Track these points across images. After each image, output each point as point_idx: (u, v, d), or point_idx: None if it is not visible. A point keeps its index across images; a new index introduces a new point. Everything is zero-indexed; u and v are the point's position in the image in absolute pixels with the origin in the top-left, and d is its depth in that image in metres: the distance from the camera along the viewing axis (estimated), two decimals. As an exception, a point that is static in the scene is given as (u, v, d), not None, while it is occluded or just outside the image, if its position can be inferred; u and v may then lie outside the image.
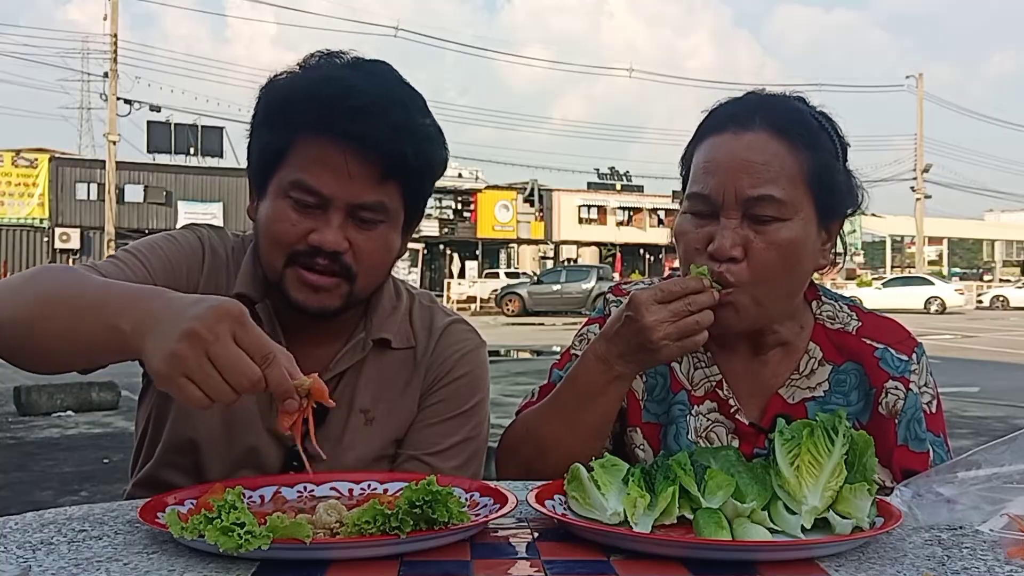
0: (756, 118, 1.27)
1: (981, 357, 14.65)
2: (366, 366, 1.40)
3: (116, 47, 31.22)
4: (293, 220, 1.27)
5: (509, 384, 9.82)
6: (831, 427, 1.02)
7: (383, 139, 1.25)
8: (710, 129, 1.31)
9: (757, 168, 1.24)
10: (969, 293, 37.14)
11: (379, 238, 1.31)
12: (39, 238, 34.21)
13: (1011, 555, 0.93)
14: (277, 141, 1.29)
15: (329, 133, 1.25)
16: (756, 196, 1.24)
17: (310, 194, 1.26)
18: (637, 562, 0.90)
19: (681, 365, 1.38)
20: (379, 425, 1.39)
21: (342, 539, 0.91)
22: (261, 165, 1.32)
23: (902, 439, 1.33)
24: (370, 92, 1.26)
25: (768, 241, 1.24)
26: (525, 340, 19.11)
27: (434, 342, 1.44)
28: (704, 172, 1.28)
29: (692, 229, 1.29)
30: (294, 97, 1.28)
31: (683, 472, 1.02)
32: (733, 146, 1.26)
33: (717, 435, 1.34)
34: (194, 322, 0.96)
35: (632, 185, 48.09)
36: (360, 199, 1.27)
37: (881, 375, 1.34)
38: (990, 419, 7.96)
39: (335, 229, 1.27)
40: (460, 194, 43.36)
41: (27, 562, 0.89)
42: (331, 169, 1.25)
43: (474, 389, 1.45)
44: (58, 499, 5.44)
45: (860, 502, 0.98)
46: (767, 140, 1.26)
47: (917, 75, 47.52)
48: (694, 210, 1.29)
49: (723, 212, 1.25)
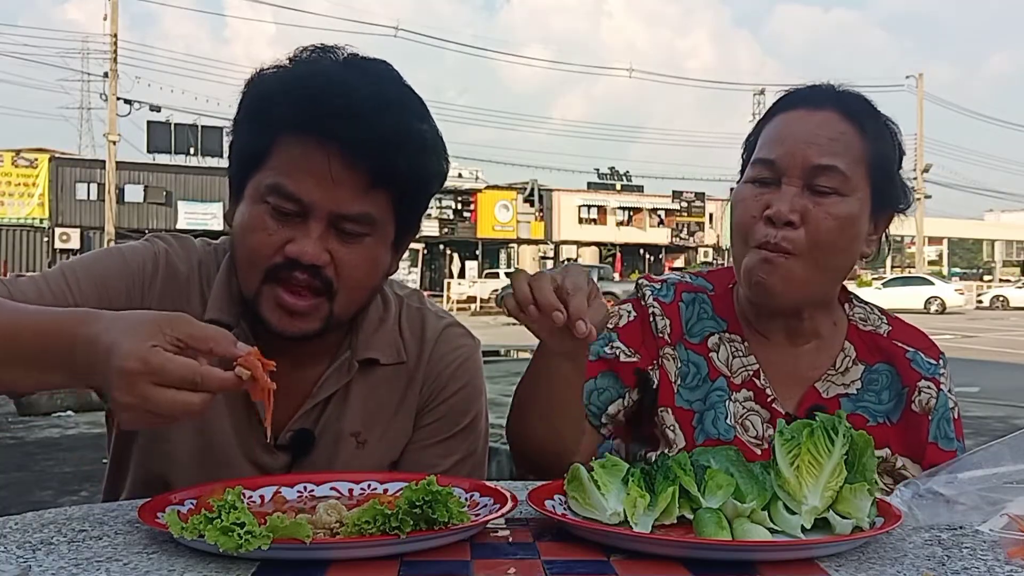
0: (829, 101, 1.33)
1: (981, 357, 14.66)
2: (353, 387, 1.30)
3: (116, 47, 31.24)
4: (270, 229, 1.16)
5: (509, 384, 9.80)
6: (831, 427, 1.02)
7: (373, 144, 1.14)
8: (780, 108, 1.35)
9: (825, 141, 1.29)
10: (969, 293, 37.15)
11: (364, 253, 1.19)
12: (39, 238, 34.22)
13: (1011, 555, 0.93)
14: (257, 141, 1.18)
15: (313, 134, 1.14)
16: (822, 164, 1.28)
17: (289, 200, 1.15)
18: (637, 562, 0.90)
19: (719, 353, 1.40)
20: (372, 448, 1.31)
21: (342, 539, 0.91)
22: (239, 166, 1.21)
23: (933, 436, 1.38)
24: (362, 91, 1.15)
25: (826, 212, 1.28)
26: (525, 340, 19.09)
27: (427, 353, 1.35)
28: (772, 140, 1.32)
29: (751, 196, 1.32)
30: (278, 94, 1.16)
31: (683, 472, 1.02)
32: (805, 120, 1.32)
33: (752, 423, 1.37)
34: (115, 392, 0.94)
35: (632, 185, 48.12)
36: (343, 209, 1.15)
37: (913, 375, 1.39)
38: (990, 419, 7.96)
39: (315, 240, 1.15)
40: (460, 194, 43.38)
41: (27, 562, 0.89)
42: (313, 174, 1.14)
43: (471, 402, 1.37)
44: (58, 499, 5.44)
45: (860, 502, 0.98)
46: (838, 120, 1.31)
47: (917, 75, 47.56)
48: (756, 176, 1.32)
49: (785, 179, 1.29)
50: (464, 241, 43.08)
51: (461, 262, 41.23)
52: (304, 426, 1.28)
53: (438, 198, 43.16)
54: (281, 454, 1.28)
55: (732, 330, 1.41)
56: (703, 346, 1.40)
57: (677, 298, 1.42)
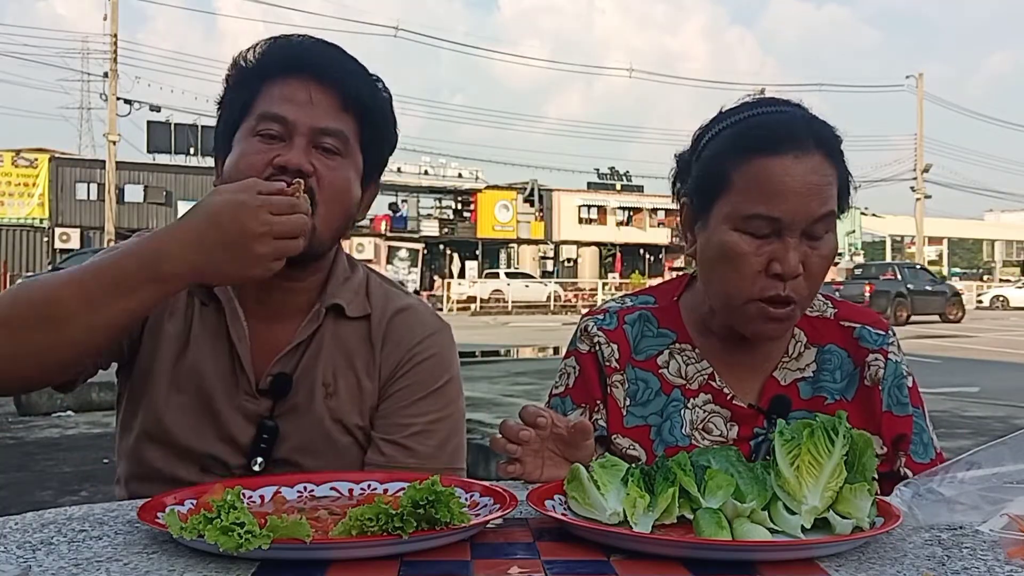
0: (811, 141, 1.30)
1: (981, 357, 14.66)
2: (324, 338, 1.40)
3: (116, 47, 31.23)
4: (258, 150, 1.32)
5: (509, 384, 9.83)
6: (831, 428, 1.02)
7: (342, 73, 1.36)
8: (761, 148, 1.30)
9: (823, 189, 1.30)
10: (969, 293, 37.14)
11: (340, 170, 1.35)
12: (39, 238, 34.21)
13: (1011, 555, 0.93)
14: (243, 95, 1.36)
15: (292, 73, 1.34)
16: (823, 214, 1.30)
17: (274, 121, 1.32)
18: (637, 562, 0.90)
19: (670, 368, 1.42)
20: (338, 400, 1.39)
21: (342, 539, 0.91)
22: (229, 125, 1.37)
23: (886, 405, 1.41)
24: (329, 49, 1.39)
25: (821, 255, 1.32)
26: (525, 340, 19.12)
27: (391, 318, 1.43)
28: (770, 194, 1.28)
29: (752, 251, 1.30)
30: (260, 55, 1.37)
31: (683, 472, 1.02)
32: (799, 170, 1.28)
33: (715, 424, 1.39)
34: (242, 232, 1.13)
35: (632, 185, 48.09)
36: (321, 123, 1.33)
37: (861, 351, 1.42)
38: (990, 419, 7.96)
39: (299, 151, 1.31)
40: (460, 194, 43.39)
41: (27, 562, 0.89)
42: (294, 100, 1.33)
43: (442, 369, 1.44)
44: (58, 499, 5.44)
45: (860, 502, 0.98)
46: (823, 162, 1.31)
47: (917, 75, 47.56)
48: (754, 230, 1.30)
49: (788, 233, 1.29)
50: (464, 241, 43.06)
51: (461, 262, 41.22)
52: (283, 370, 1.38)
53: (438, 198, 43.31)
54: (263, 399, 1.37)
55: (681, 340, 1.43)
56: (652, 363, 1.42)
57: (620, 323, 1.45)
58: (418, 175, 42.09)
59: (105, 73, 32.07)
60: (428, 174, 42.38)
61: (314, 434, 1.37)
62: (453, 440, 1.43)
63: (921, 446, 1.41)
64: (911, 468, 1.38)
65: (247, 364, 1.37)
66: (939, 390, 9.06)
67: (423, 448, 1.39)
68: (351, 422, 1.39)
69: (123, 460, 1.44)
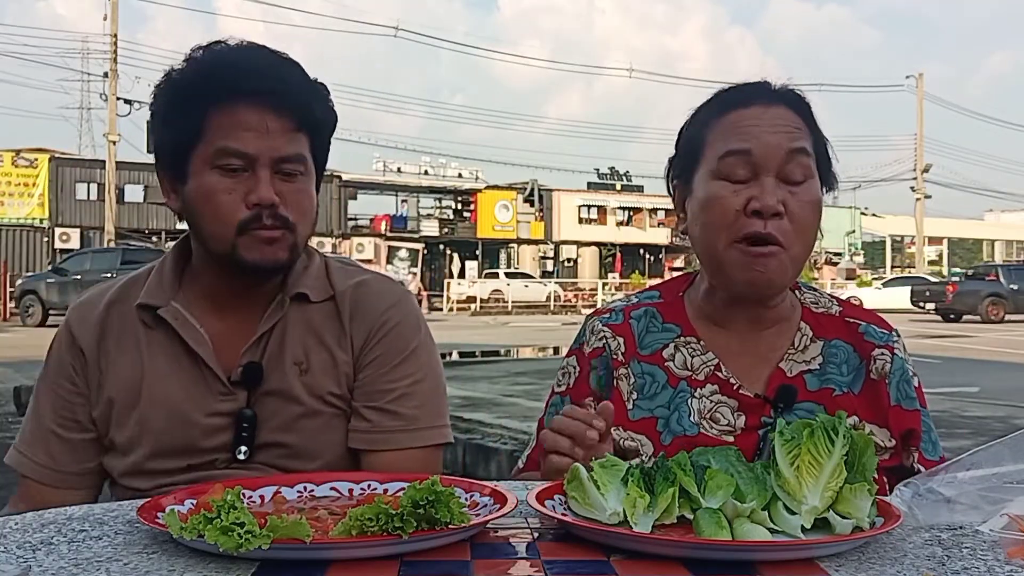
0: (778, 97, 1.37)
1: (981, 357, 14.64)
2: (290, 322, 1.43)
3: (116, 47, 31.23)
4: (227, 187, 1.33)
5: (509, 384, 9.80)
6: (831, 428, 1.02)
7: (292, 95, 1.35)
8: (732, 104, 1.37)
9: (791, 129, 1.34)
10: (969, 293, 37.05)
11: (302, 190, 1.38)
12: (39, 238, 34.20)
13: (1011, 555, 0.93)
14: (190, 121, 1.34)
15: (240, 97, 1.32)
16: (795, 148, 1.33)
17: (236, 157, 1.32)
18: (637, 562, 0.90)
19: (675, 361, 1.43)
20: (313, 375, 1.42)
21: (342, 539, 0.91)
22: (177, 151, 1.36)
23: (895, 399, 1.41)
24: (264, 59, 1.37)
25: (801, 200, 1.33)
26: (525, 340, 19.11)
27: (353, 294, 1.47)
28: (740, 133, 1.34)
29: (730, 194, 1.33)
30: (198, 77, 1.35)
31: (683, 472, 1.02)
32: (767, 114, 1.35)
33: (722, 414, 1.39)
34: None
35: (632, 185, 48.06)
36: (281, 151, 1.34)
37: (868, 346, 1.43)
38: (990, 419, 7.95)
39: (267, 185, 1.33)
40: (460, 194, 43.37)
41: (27, 562, 0.89)
42: (251, 129, 1.32)
43: (409, 334, 1.48)
44: (58, 499, 5.42)
45: (860, 502, 0.98)
46: (791, 114, 1.36)
47: (917, 75, 47.56)
48: (731, 173, 1.33)
49: (763, 172, 1.32)
50: (464, 241, 43.04)
51: (461, 262, 41.20)
52: (252, 360, 1.41)
53: (438, 198, 43.28)
54: (239, 390, 1.40)
55: (687, 333, 1.44)
56: (658, 356, 1.43)
57: (626, 318, 1.47)
58: (418, 175, 42.11)
59: (105, 73, 32.07)
60: (428, 174, 42.38)
61: (294, 413, 1.40)
62: (433, 399, 1.47)
63: (930, 444, 1.43)
64: (923, 464, 1.39)
65: (213, 364, 1.40)
66: (939, 390, 9.05)
67: (406, 411, 1.43)
68: (328, 392, 1.43)
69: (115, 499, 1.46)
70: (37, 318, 23.00)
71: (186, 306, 1.43)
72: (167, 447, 1.40)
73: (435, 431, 1.46)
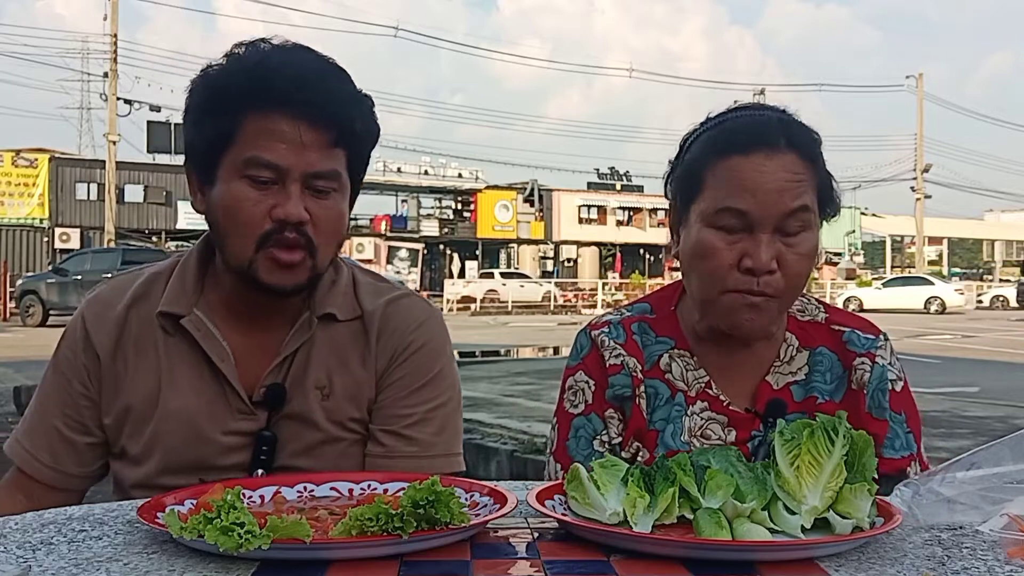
0: (782, 140, 1.32)
1: (981, 357, 14.64)
2: (316, 343, 1.39)
3: (116, 47, 31.23)
4: (253, 199, 1.27)
5: (509, 384, 9.80)
6: (831, 428, 1.02)
7: (331, 108, 1.28)
8: (733, 148, 1.32)
9: (794, 185, 1.31)
10: (969, 293, 37.13)
11: (334, 207, 1.32)
12: (39, 238, 34.21)
13: (1011, 555, 0.93)
14: (224, 123, 1.28)
15: (277, 105, 1.26)
16: (794, 208, 1.30)
17: (266, 168, 1.26)
18: (637, 562, 0.90)
19: (673, 372, 1.43)
20: (335, 399, 1.39)
21: (342, 539, 0.91)
22: (208, 151, 1.30)
23: (867, 407, 1.42)
24: (307, 65, 1.29)
25: (797, 252, 1.32)
26: (525, 340, 19.11)
27: (380, 315, 1.42)
28: (739, 189, 1.30)
29: (724, 246, 1.32)
30: (236, 78, 1.28)
31: (683, 472, 1.02)
32: (769, 166, 1.30)
33: (712, 430, 1.40)
34: None
35: (632, 185, 48.07)
36: (315, 167, 1.28)
37: (850, 355, 1.43)
38: (990, 419, 7.95)
39: (295, 200, 1.27)
40: (460, 194, 43.38)
41: (27, 562, 0.89)
42: (284, 141, 1.26)
43: (435, 357, 1.44)
44: (58, 499, 5.42)
45: (860, 502, 0.98)
46: (795, 160, 1.32)
47: (917, 75, 47.58)
48: (726, 225, 1.31)
49: (759, 228, 1.30)
50: (464, 241, 43.04)
51: (461, 262, 41.20)
52: (275, 381, 1.37)
53: (438, 198, 43.29)
54: (259, 411, 1.37)
55: (680, 346, 1.44)
56: (657, 370, 1.43)
57: (629, 333, 1.45)
58: (418, 175, 42.11)
59: (105, 73, 32.08)
60: (428, 174, 42.39)
61: (313, 439, 1.37)
62: (450, 426, 1.44)
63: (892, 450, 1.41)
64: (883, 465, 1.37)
65: (235, 382, 1.36)
66: (939, 390, 9.05)
67: (422, 436, 1.40)
68: (349, 417, 1.40)
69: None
70: (37, 318, 23.00)
71: (208, 314, 1.37)
72: (181, 463, 1.36)
73: (449, 459, 1.42)
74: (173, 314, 1.37)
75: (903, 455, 1.41)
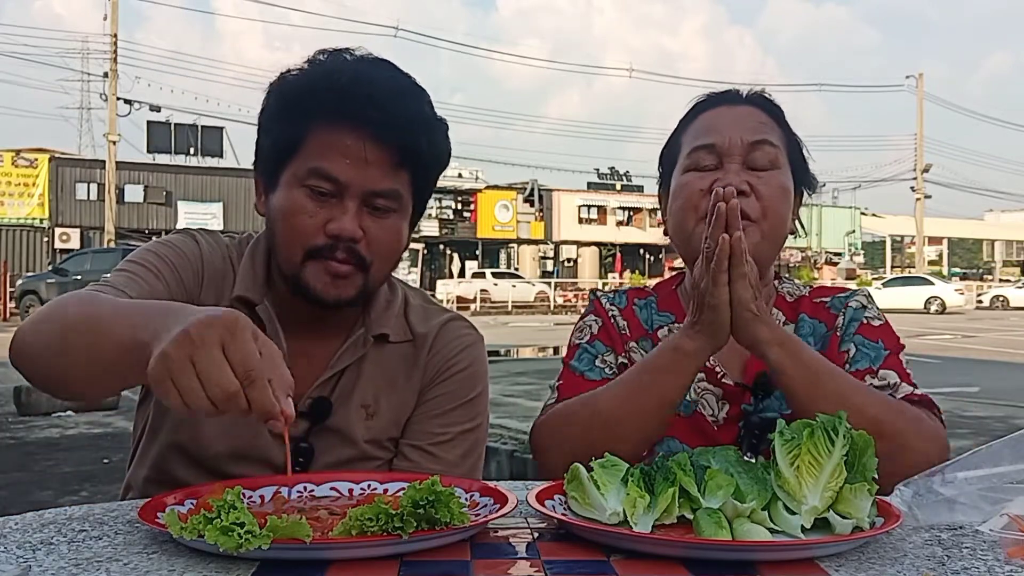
0: (747, 99, 1.48)
1: (981, 357, 14.64)
2: (367, 362, 1.40)
3: (116, 47, 31.23)
4: (310, 211, 1.27)
5: (509, 384, 9.80)
6: (831, 427, 1.02)
7: (399, 127, 1.26)
8: (700, 109, 1.49)
9: (756, 124, 1.44)
10: (969, 293, 37.13)
11: (391, 228, 1.32)
12: (39, 238, 34.20)
13: (1011, 555, 0.93)
14: (292, 131, 1.28)
15: (346, 120, 1.25)
16: (757, 140, 1.41)
17: (327, 181, 1.26)
18: (637, 562, 0.90)
19: None
20: (379, 419, 1.40)
21: (342, 539, 0.91)
22: (274, 157, 1.31)
23: (839, 343, 1.46)
24: (381, 81, 1.28)
25: (769, 184, 1.41)
26: (525, 340, 19.11)
27: (433, 336, 1.45)
28: (706, 130, 1.45)
29: (695, 179, 1.43)
30: (310, 87, 1.28)
31: (683, 472, 1.02)
32: (732, 111, 1.46)
33: (707, 402, 1.45)
34: (188, 326, 0.93)
35: (632, 185, 48.04)
36: (376, 186, 1.27)
37: (832, 316, 1.50)
38: (990, 419, 7.95)
39: (351, 217, 1.27)
40: (460, 194, 43.35)
41: (27, 562, 0.89)
42: (348, 156, 1.25)
43: (475, 382, 1.45)
44: (58, 499, 5.43)
45: (860, 502, 0.98)
46: (759, 112, 1.46)
47: (917, 75, 47.57)
48: (697, 164, 1.43)
49: (728, 160, 1.41)
50: (464, 241, 43.04)
51: (461, 262, 41.19)
52: (322, 394, 1.37)
53: (438, 198, 43.22)
54: (301, 420, 1.35)
55: (679, 320, 1.51)
56: (656, 336, 1.52)
57: (630, 303, 1.57)
58: (418, 175, 42.01)
59: (105, 73, 32.07)
60: (428, 174, 42.30)
61: (349, 455, 1.37)
62: (476, 451, 1.45)
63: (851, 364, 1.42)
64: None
65: None
66: (939, 390, 9.05)
67: (448, 456, 1.40)
68: (389, 437, 1.41)
69: (143, 465, 1.41)
70: (37, 318, 22.96)
71: (276, 312, 1.36)
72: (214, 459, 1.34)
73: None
74: (248, 300, 1.36)
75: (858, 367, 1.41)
